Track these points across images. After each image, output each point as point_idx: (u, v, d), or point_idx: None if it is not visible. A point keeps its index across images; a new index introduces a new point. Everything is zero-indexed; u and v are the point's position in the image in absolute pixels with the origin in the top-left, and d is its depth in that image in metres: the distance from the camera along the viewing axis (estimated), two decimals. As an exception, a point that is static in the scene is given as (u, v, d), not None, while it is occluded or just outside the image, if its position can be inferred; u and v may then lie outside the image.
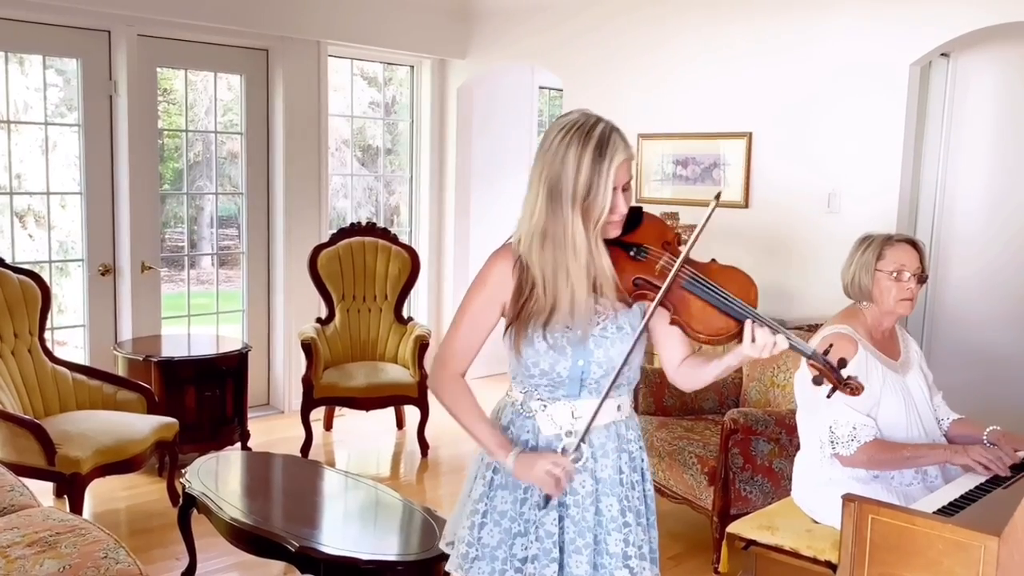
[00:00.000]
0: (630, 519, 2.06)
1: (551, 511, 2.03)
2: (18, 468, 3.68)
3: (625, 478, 2.07)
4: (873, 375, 2.83)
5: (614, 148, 1.89)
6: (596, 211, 1.90)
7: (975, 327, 5.11)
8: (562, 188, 1.89)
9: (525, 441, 2.05)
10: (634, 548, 2.05)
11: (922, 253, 2.91)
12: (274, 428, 5.68)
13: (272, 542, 3.02)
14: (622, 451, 2.08)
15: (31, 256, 5.23)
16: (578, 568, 2.02)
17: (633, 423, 2.14)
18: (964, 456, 2.73)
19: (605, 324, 2.00)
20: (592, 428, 2.01)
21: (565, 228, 1.91)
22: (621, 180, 1.91)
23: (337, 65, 6.34)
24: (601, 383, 2.01)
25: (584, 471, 2.03)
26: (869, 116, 4.70)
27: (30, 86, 5.18)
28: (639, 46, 5.58)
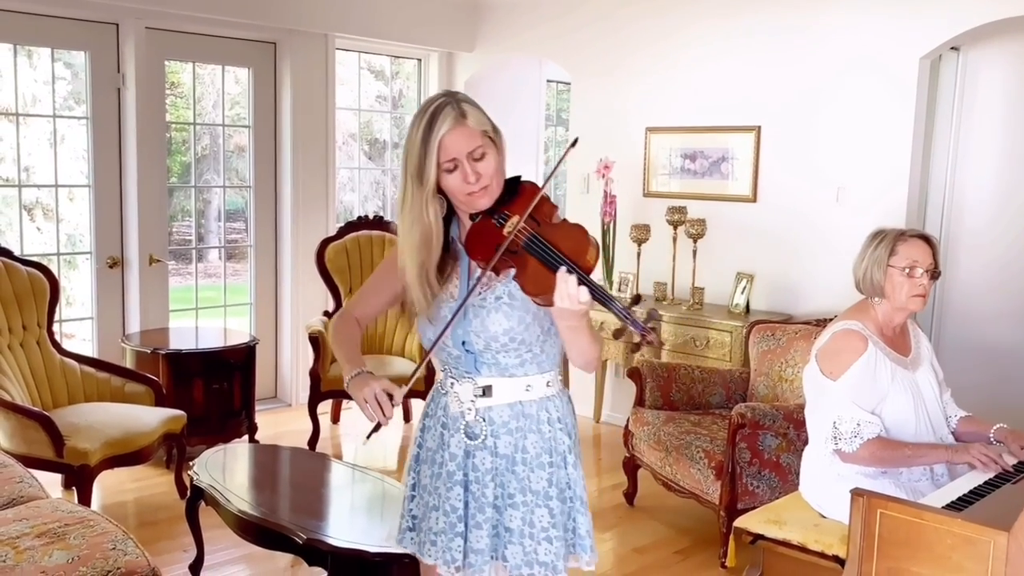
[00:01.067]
0: (528, 499, 2.05)
1: (456, 486, 2.07)
2: (27, 460, 3.69)
3: (529, 458, 2.06)
4: (881, 372, 2.82)
5: (442, 120, 1.92)
6: (424, 181, 1.94)
7: (984, 323, 5.09)
8: (406, 167, 1.97)
9: (439, 418, 2.14)
10: (530, 527, 2.05)
11: (935, 249, 2.88)
12: (281, 421, 5.69)
13: (279, 534, 3.03)
14: (529, 431, 2.06)
15: (39, 249, 5.24)
16: (478, 543, 2.05)
17: (553, 405, 2.10)
18: (965, 454, 2.72)
19: (485, 294, 2.01)
20: (492, 407, 2.06)
21: (408, 202, 1.98)
22: (459, 149, 1.92)
23: (344, 58, 6.34)
24: (500, 359, 2.03)
25: (484, 448, 2.06)
26: (878, 110, 4.68)
27: (38, 79, 5.19)
28: (647, 39, 5.56)
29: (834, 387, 2.82)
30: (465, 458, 2.08)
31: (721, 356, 4.81)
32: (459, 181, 1.94)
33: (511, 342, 2.01)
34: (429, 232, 1.98)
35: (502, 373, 2.05)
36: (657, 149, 5.57)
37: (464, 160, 1.93)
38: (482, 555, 2.05)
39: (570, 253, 1.87)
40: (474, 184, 1.94)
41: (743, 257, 5.17)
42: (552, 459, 2.08)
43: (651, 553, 3.98)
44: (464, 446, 2.08)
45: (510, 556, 2.05)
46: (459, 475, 2.07)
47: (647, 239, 5.36)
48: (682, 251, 5.24)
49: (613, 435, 5.47)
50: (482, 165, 1.95)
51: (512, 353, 2.03)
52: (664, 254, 5.32)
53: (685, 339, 4.95)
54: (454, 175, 1.94)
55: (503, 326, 2.00)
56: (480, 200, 1.97)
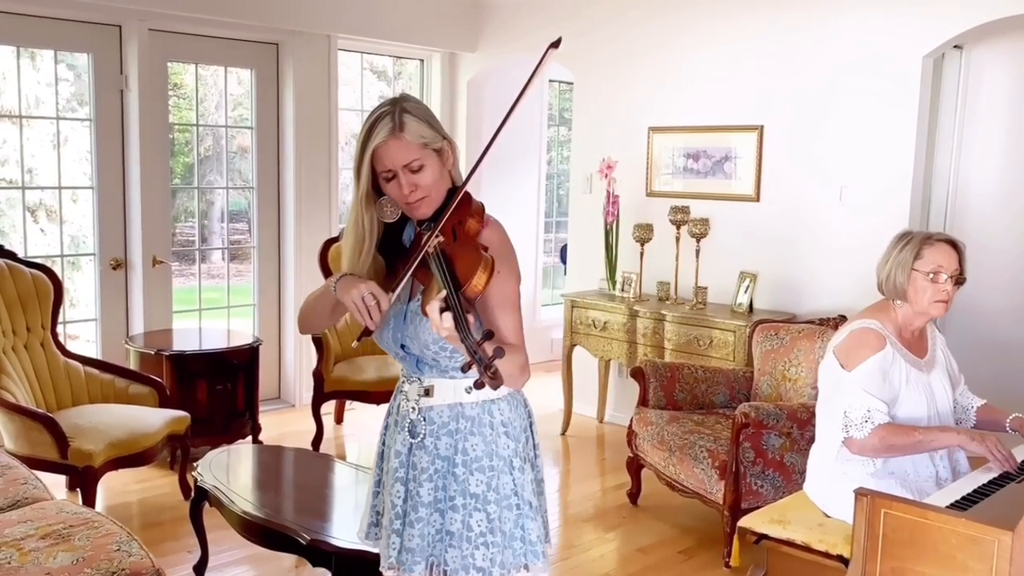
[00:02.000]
0: (467, 502, 2.04)
1: (397, 483, 2.09)
2: (31, 461, 3.70)
3: (469, 460, 2.05)
4: (895, 373, 2.81)
5: (378, 131, 1.93)
6: (360, 189, 1.97)
7: (988, 319, 5.08)
8: (354, 168, 2.00)
9: (394, 416, 2.17)
10: (468, 531, 2.04)
11: (962, 254, 2.84)
12: (285, 422, 5.69)
13: (283, 535, 3.03)
14: (469, 433, 2.06)
15: (43, 250, 5.25)
16: (410, 541, 2.06)
17: (499, 408, 2.08)
18: (980, 443, 2.68)
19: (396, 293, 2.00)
20: (433, 406, 2.07)
21: (351, 204, 2.03)
22: (393, 160, 1.93)
23: (347, 59, 6.34)
24: (440, 362, 2.05)
25: (423, 448, 2.08)
26: (881, 109, 4.67)
27: (41, 81, 5.20)
28: (650, 39, 5.56)
29: (848, 377, 2.80)
30: (408, 456, 2.10)
31: (724, 356, 4.81)
32: (395, 191, 1.97)
33: (442, 351, 2.02)
34: (362, 235, 2.01)
35: (443, 374, 2.07)
36: (660, 148, 5.57)
37: (400, 171, 1.94)
38: (413, 554, 2.05)
39: (458, 273, 1.88)
40: (409, 196, 1.96)
41: (746, 256, 5.17)
42: (493, 463, 2.06)
43: (655, 553, 3.98)
44: (408, 444, 2.10)
45: (449, 560, 2.04)
46: (401, 472, 2.10)
47: (650, 239, 5.36)
48: (685, 251, 5.24)
49: (617, 435, 5.47)
50: (418, 177, 1.95)
51: (450, 358, 2.03)
52: (667, 254, 5.32)
53: (688, 339, 4.95)
54: (391, 184, 1.96)
55: (432, 335, 1.98)
56: (419, 210, 1.99)
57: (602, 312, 5.40)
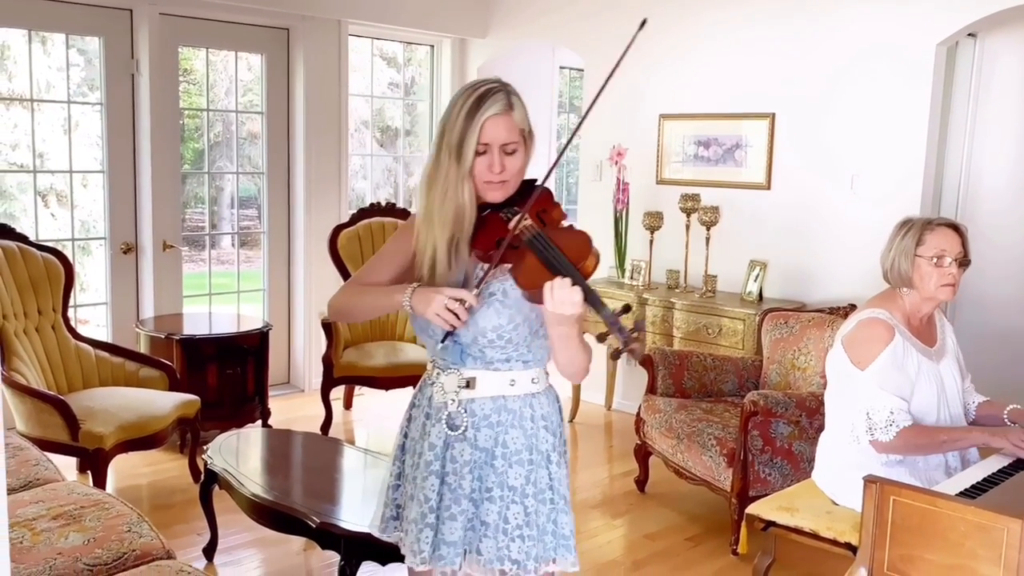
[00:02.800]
0: (505, 494, 2.03)
1: (431, 476, 2.05)
2: (42, 443, 3.72)
3: (509, 453, 2.05)
4: (909, 361, 2.80)
5: (491, 103, 1.93)
6: (463, 158, 1.94)
7: (999, 309, 5.07)
8: (444, 137, 1.96)
9: (423, 408, 2.13)
10: (504, 523, 2.03)
11: (964, 237, 2.84)
12: (294, 406, 5.71)
13: (293, 518, 3.05)
14: (510, 426, 2.05)
15: (54, 234, 5.27)
16: (451, 535, 2.03)
17: (540, 401, 2.09)
18: (1003, 439, 2.68)
19: (481, 289, 2.00)
20: (475, 399, 2.04)
21: (441, 175, 1.97)
22: (495, 137, 1.93)
23: (356, 45, 6.33)
24: (487, 353, 2.02)
25: (464, 440, 2.05)
26: (894, 97, 4.64)
27: (52, 65, 5.20)
28: (661, 26, 5.53)
29: (863, 376, 2.78)
30: (444, 449, 2.06)
31: (734, 344, 4.80)
32: (483, 167, 1.95)
33: (498, 339, 2.00)
34: (463, 209, 1.97)
35: (487, 366, 2.04)
36: (670, 136, 5.55)
37: (495, 148, 1.94)
38: (454, 547, 2.03)
39: (570, 254, 1.89)
40: (495, 175, 1.95)
41: (756, 245, 5.15)
42: (532, 456, 2.06)
43: (662, 540, 3.99)
44: (444, 437, 2.06)
45: (484, 550, 2.03)
46: (436, 465, 2.06)
47: (660, 227, 5.34)
48: (695, 239, 5.23)
49: (625, 422, 5.48)
50: (510, 160, 1.96)
51: (499, 349, 2.02)
52: (677, 242, 5.31)
53: (698, 327, 4.94)
54: (481, 159, 1.94)
55: (492, 322, 1.98)
56: (494, 192, 1.98)
57: (611, 300, 5.40)
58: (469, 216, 1.98)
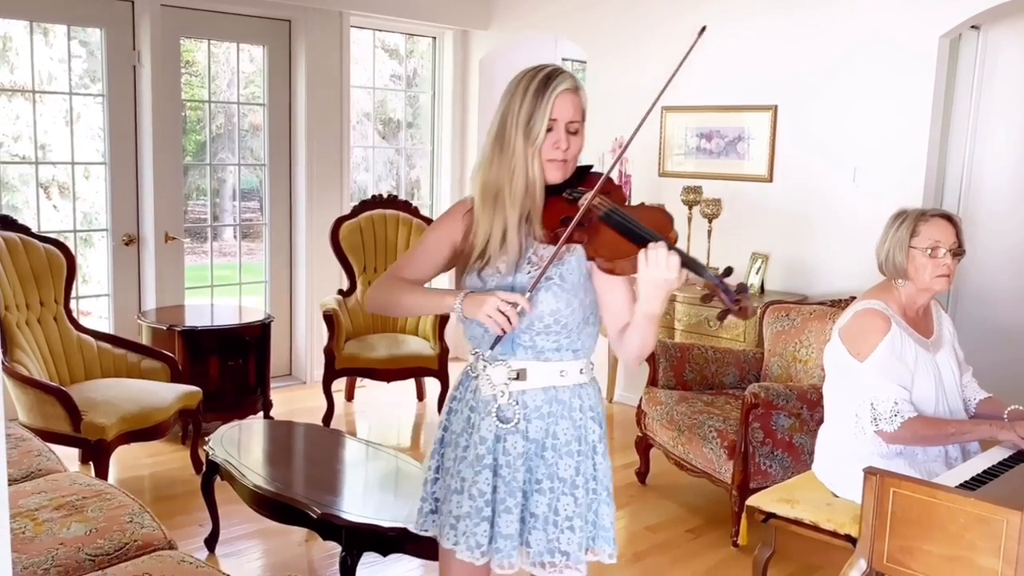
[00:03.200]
0: (555, 485, 2.04)
1: (484, 470, 2.04)
2: (44, 434, 3.73)
3: (559, 444, 2.05)
4: (907, 352, 2.80)
5: (559, 81, 1.96)
6: (533, 133, 1.95)
7: (1001, 303, 5.06)
8: (509, 116, 1.98)
9: (467, 401, 2.12)
10: (554, 515, 2.04)
11: (958, 227, 2.83)
12: (296, 398, 5.72)
13: (294, 509, 3.06)
14: (560, 417, 2.06)
15: (56, 226, 5.27)
16: (507, 528, 2.03)
17: (587, 392, 2.11)
18: (1010, 432, 2.67)
19: (535, 273, 2.00)
20: (526, 390, 2.04)
21: (508, 152, 1.98)
22: (563, 113, 1.96)
23: (359, 36, 6.32)
24: (538, 342, 2.02)
25: (517, 432, 2.05)
26: (897, 90, 4.63)
27: (54, 56, 5.20)
28: (663, 17, 5.52)
29: (862, 368, 2.79)
30: (495, 442, 2.05)
31: (735, 336, 4.80)
32: (548, 144, 1.97)
33: (555, 323, 2.00)
34: (533, 184, 1.99)
35: (537, 356, 2.04)
36: (673, 128, 5.54)
37: (561, 126, 1.97)
38: (511, 540, 2.03)
39: (652, 225, 1.90)
40: (559, 153, 1.98)
41: (758, 237, 5.15)
42: (581, 447, 2.07)
43: (663, 532, 4.00)
44: (495, 430, 2.05)
45: (533, 542, 2.03)
46: (488, 459, 2.04)
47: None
48: (697, 231, 5.22)
49: (626, 415, 5.48)
50: (574, 140, 2.00)
51: (551, 336, 2.02)
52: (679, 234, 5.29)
53: (699, 319, 4.94)
54: (548, 135, 1.97)
55: (551, 306, 1.99)
56: (555, 171, 2.00)
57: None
58: (540, 191, 2.00)
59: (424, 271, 2.17)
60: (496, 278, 2.03)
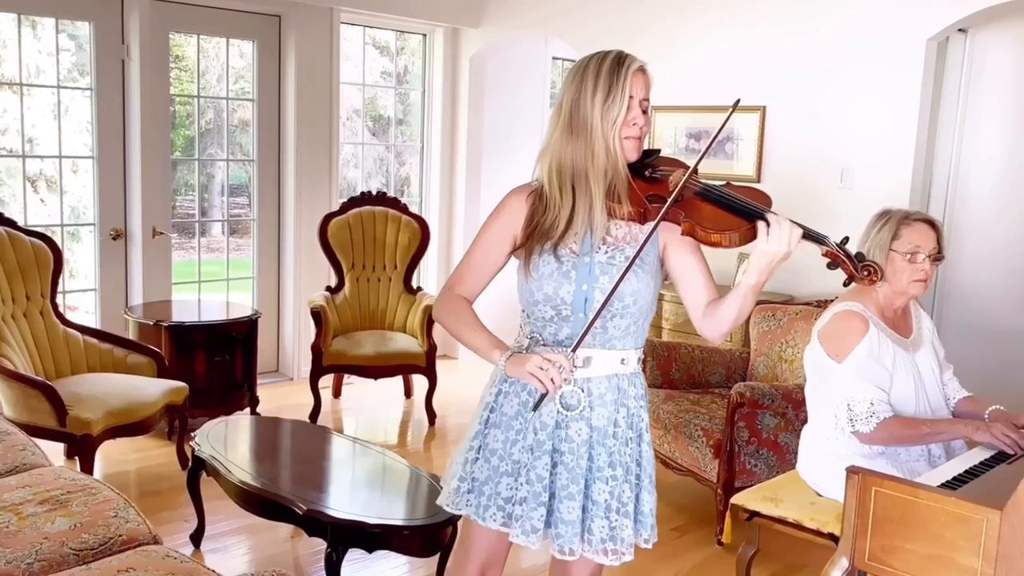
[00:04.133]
0: (618, 473, 2.06)
1: (544, 456, 2.04)
2: (30, 428, 3.71)
3: (621, 432, 2.08)
4: (885, 352, 2.81)
5: (630, 60, 2.04)
6: (615, 113, 1.99)
7: (986, 305, 5.09)
8: (582, 100, 2.00)
9: (524, 384, 2.07)
10: (617, 502, 2.06)
11: (940, 233, 2.85)
12: (283, 394, 5.72)
13: (280, 505, 3.06)
14: (620, 405, 2.09)
15: (43, 220, 5.25)
16: (570, 514, 2.04)
17: (638, 381, 2.14)
18: (987, 433, 2.68)
19: (613, 253, 2.03)
20: (592, 378, 2.05)
21: (584, 134, 2.00)
22: (638, 90, 2.02)
23: (349, 33, 6.31)
24: (608, 327, 2.03)
25: (581, 419, 2.06)
26: (884, 91, 4.66)
27: (43, 50, 5.18)
28: (653, 18, 5.53)
29: (840, 369, 2.81)
30: (556, 428, 2.06)
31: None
32: (625, 122, 2.00)
33: (633, 304, 2.03)
34: (617, 160, 2.01)
35: (604, 344, 2.05)
36: (662, 128, 5.56)
37: (636, 103, 2.01)
38: (572, 526, 2.04)
39: (754, 199, 1.95)
40: (636, 130, 2.02)
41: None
42: (633, 434, 2.10)
43: (648, 530, 4.00)
44: (556, 416, 2.06)
45: (596, 530, 2.04)
46: (548, 444, 2.05)
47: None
48: (685, 231, 5.23)
49: (613, 413, 5.49)
50: (646, 117, 2.04)
51: (623, 320, 2.03)
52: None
53: (686, 318, 4.96)
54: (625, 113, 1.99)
55: (632, 286, 2.01)
56: (632, 149, 2.04)
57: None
58: (624, 167, 2.02)
59: (484, 274, 2.15)
60: (572, 258, 2.03)
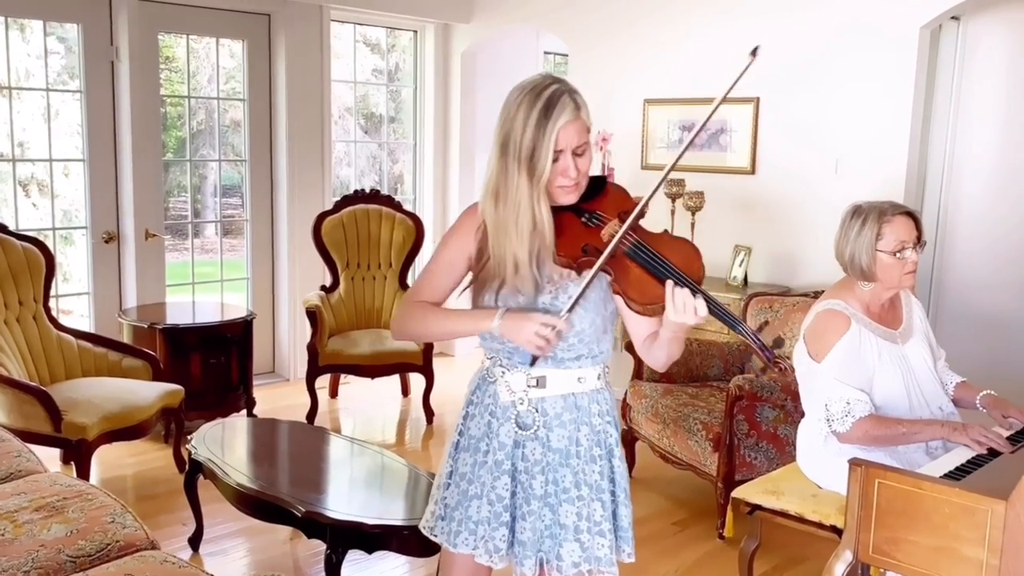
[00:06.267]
0: (584, 492, 2.04)
1: (503, 476, 2.03)
2: (25, 435, 3.69)
3: (584, 451, 2.05)
4: (867, 349, 2.80)
5: (560, 109, 1.87)
6: (538, 171, 1.88)
7: (981, 292, 5.08)
8: (510, 147, 1.90)
9: (487, 406, 2.09)
10: (587, 522, 2.04)
11: (918, 220, 2.83)
12: (279, 395, 5.69)
13: (278, 507, 3.04)
14: (581, 423, 2.05)
15: (35, 224, 5.21)
16: (522, 534, 2.03)
17: (603, 397, 2.10)
18: (962, 435, 2.67)
19: (556, 292, 2.00)
20: (546, 397, 2.03)
21: (511, 187, 1.91)
22: (568, 142, 1.89)
23: (339, 31, 6.28)
24: (558, 353, 2.01)
25: (536, 440, 2.04)
26: (878, 80, 4.64)
27: (31, 53, 5.14)
28: (645, 10, 5.51)
29: (819, 369, 2.82)
30: (514, 448, 2.05)
31: (719, 329, 4.80)
32: (555, 173, 1.90)
33: (579, 342, 2.00)
34: (542, 223, 1.92)
35: (557, 365, 2.03)
36: (655, 121, 5.54)
37: (568, 153, 1.90)
38: (526, 547, 2.03)
39: (681, 264, 1.87)
40: (571, 180, 1.92)
41: (741, 229, 5.15)
42: (601, 452, 2.07)
43: (649, 524, 4.00)
44: (514, 436, 2.04)
45: (566, 554, 2.02)
46: (507, 464, 2.04)
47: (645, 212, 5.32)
48: (680, 224, 5.22)
49: (611, 408, 5.48)
50: (582, 161, 1.93)
51: (572, 348, 2.01)
52: (662, 227, 5.28)
53: (683, 312, 4.94)
54: (554, 165, 1.89)
55: (575, 327, 1.97)
56: (568, 195, 1.95)
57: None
58: (549, 229, 1.93)
59: (445, 288, 2.11)
60: (514, 300, 1.99)
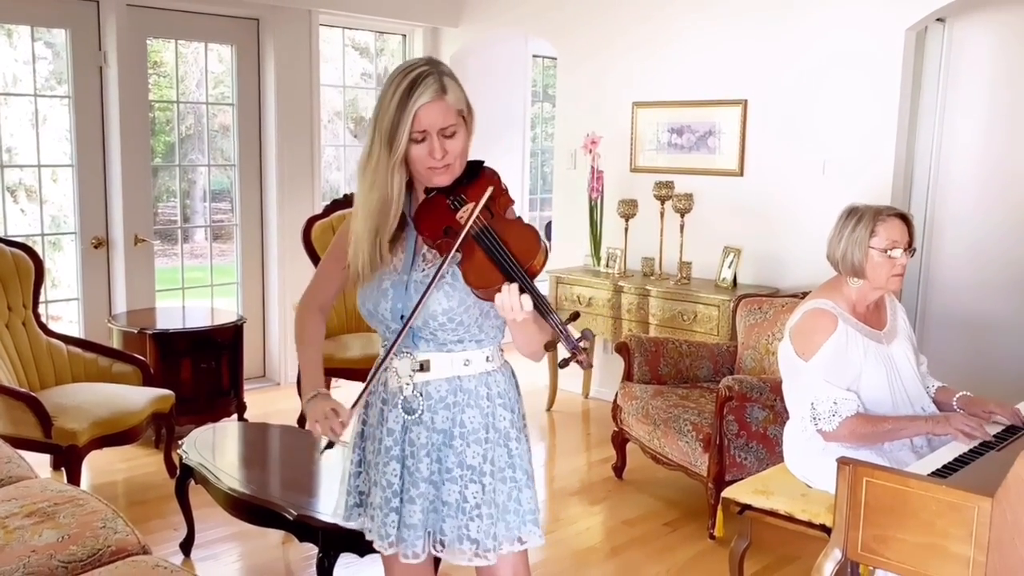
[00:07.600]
0: (465, 473, 2.04)
1: (392, 461, 2.06)
2: (15, 441, 3.67)
3: (467, 432, 2.05)
4: (853, 349, 2.83)
5: (423, 89, 1.88)
6: (394, 148, 1.91)
7: (968, 295, 5.11)
8: (376, 124, 1.93)
9: (379, 394, 2.13)
10: (464, 502, 2.03)
11: (911, 225, 2.87)
12: (270, 400, 5.69)
13: (270, 511, 3.04)
14: (466, 406, 2.05)
15: (23, 230, 5.20)
16: (411, 517, 2.04)
17: (495, 380, 2.09)
18: (946, 426, 2.71)
19: (428, 270, 2.00)
20: (430, 381, 2.05)
21: (371, 163, 1.95)
22: (432, 123, 1.90)
23: (328, 35, 6.29)
24: (438, 335, 2.02)
25: (420, 424, 2.05)
26: (864, 82, 4.68)
27: (19, 58, 5.13)
28: (633, 13, 5.54)
29: (807, 368, 2.84)
30: (403, 433, 2.07)
31: (708, 330, 4.83)
32: (424, 154, 1.92)
33: (449, 322, 2.00)
34: (389, 199, 1.95)
35: (440, 348, 2.04)
36: (644, 124, 5.56)
37: (434, 134, 1.91)
38: (415, 530, 2.04)
39: (518, 253, 1.88)
40: (438, 161, 1.93)
41: (730, 231, 5.18)
42: (489, 435, 2.06)
43: (640, 525, 4.01)
44: (402, 421, 2.07)
45: (447, 530, 2.04)
46: (396, 450, 2.06)
47: (634, 214, 5.36)
48: (669, 226, 5.24)
49: (602, 410, 5.49)
50: (450, 143, 1.94)
51: (450, 331, 2.02)
52: (651, 229, 5.32)
53: (672, 313, 4.96)
54: (420, 146, 1.92)
55: (442, 306, 1.98)
56: (440, 177, 1.96)
57: (587, 288, 5.41)
58: (396, 207, 1.96)
59: (325, 285, 2.23)
60: (391, 276, 2.03)
